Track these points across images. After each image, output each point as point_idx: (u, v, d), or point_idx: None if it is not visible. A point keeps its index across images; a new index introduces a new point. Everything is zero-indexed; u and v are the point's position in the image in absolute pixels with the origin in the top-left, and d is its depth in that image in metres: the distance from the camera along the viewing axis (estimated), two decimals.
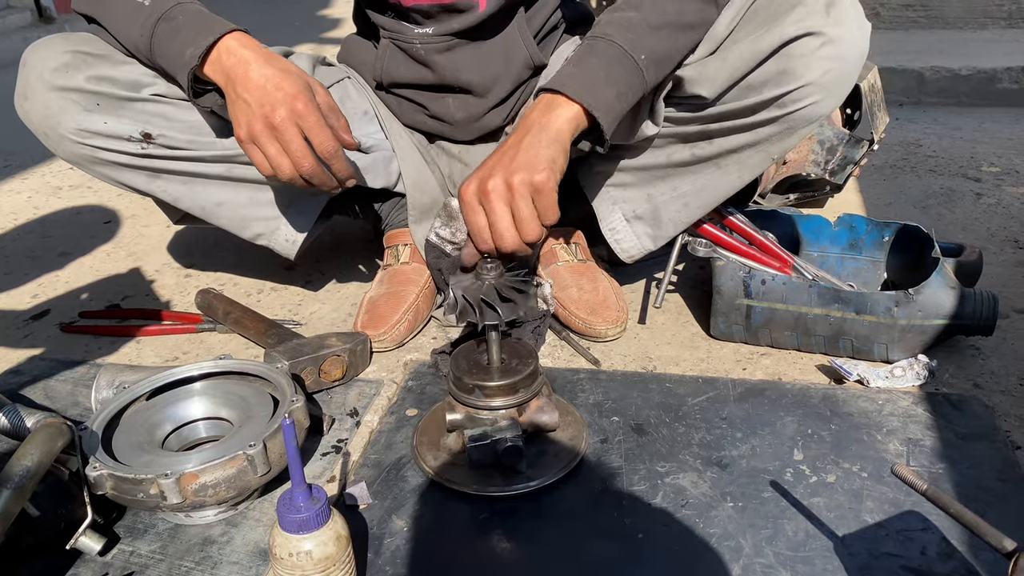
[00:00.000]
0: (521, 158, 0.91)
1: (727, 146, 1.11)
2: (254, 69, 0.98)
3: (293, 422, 0.69)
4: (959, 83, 2.53)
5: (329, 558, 0.71)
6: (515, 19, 1.23)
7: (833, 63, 0.99)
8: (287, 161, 0.99)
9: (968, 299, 1.10)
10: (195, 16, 1.02)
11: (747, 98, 1.04)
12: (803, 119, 1.05)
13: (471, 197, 0.92)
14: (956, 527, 0.84)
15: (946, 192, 1.81)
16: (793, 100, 1.02)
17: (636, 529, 0.87)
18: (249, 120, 0.98)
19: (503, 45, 1.24)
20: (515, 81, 1.26)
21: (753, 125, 1.07)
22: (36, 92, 1.08)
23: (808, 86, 1.00)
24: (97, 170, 1.15)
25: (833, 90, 1.02)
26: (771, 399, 1.08)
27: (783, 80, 1.01)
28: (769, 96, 1.02)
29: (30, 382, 1.19)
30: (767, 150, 1.10)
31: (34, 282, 1.57)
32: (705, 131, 1.11)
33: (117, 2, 1.06)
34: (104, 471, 0.84)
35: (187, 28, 1.01)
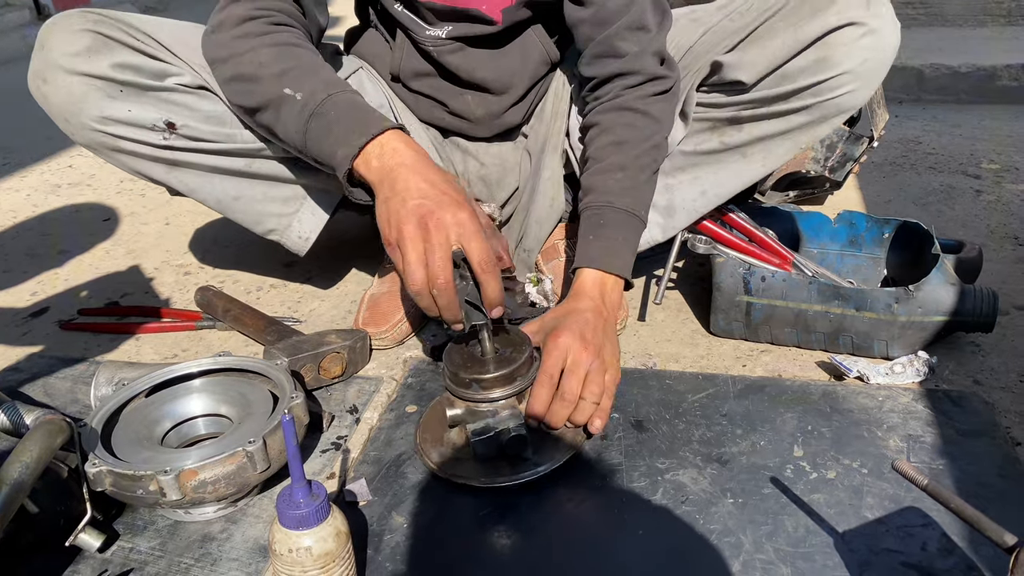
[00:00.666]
0: (609, 351, 1.00)
1: (757, 134, 1.14)
2: (417, 170, 0.92)
3: (293, 418, 0.69)
4: (959, 80, 2.53)
5: (329, 554, 0.71)
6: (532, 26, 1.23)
7: (871, 52, 1.04)
8: (422, 272, 0.87)
9: (968, 295, 1.10)
10: (348, 111, 0.97)
11: (782, 86, 1.08)
12: (836, 108, 1.09)
13: (560, 345, 0.97)
14: (956, 523, 0.84)
15: (946, 189, 1.81)
16: (829, 88, 1.06)
17: (636, 525, 0.87)
18: (400, 219, 0.89)
19: (519, 44, 1.23)
20: (533, 78, 1.26)
21: (786, 112, 1.10)
22: (57, 76, 1.04)
23: (845, 74, 1.05)
24: (116, 158, 1.11)
25: (868, 80, 1.06)
26: (771, 396, 1.08)
27: (821, 68, 1.05)
28: (805, 84, 1.06)
29: (29, 379, 1.19)
30: (796, 139, 1.13)
31: (33, 280, 1.57)
32: (736, 117, 1.14)
33: (289, 80, 1.01)
34: (103, 468, 0.84)
35: (340, 125, 0.96)
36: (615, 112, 1.13)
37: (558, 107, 1.28)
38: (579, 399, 0.95)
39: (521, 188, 1.33)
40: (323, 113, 0.98)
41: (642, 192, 1.12)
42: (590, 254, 1.08)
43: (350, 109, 0.98)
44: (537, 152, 1.30)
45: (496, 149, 1.33)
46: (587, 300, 1.05)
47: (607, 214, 1.09)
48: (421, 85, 1.28)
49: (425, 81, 1.27)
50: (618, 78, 1.13)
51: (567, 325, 0.99)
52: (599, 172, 1.11)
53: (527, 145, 1.32)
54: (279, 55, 1.03)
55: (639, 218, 1.11)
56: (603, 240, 1.08)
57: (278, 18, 1.07)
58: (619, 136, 1.12)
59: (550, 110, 1.29)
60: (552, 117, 1.28)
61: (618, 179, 1.10)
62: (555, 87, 1.29)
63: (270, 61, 1.02)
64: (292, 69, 1.02)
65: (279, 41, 1.04)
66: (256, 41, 1.03)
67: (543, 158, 1.29)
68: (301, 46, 1.06)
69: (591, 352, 0.97)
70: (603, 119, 1.14)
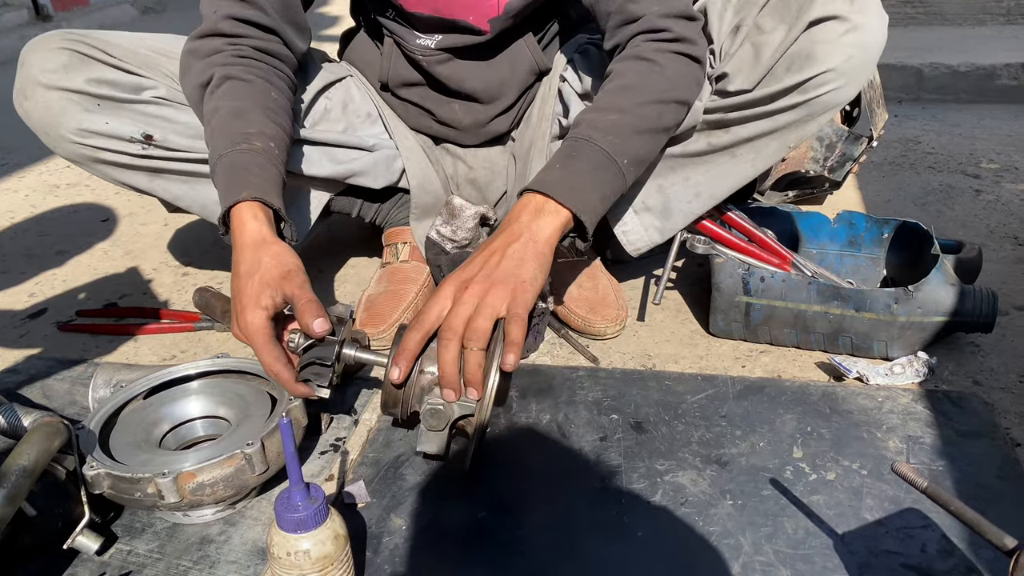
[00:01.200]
0: (505, 267, 0.89)
1: (744, 135, 1.12)
2: (239, 257, 0.96)
3: (291, 421, 0.69)
4: (958, 79, 2.53)
5: (327, 557, 0.71)
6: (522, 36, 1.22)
7: (855, 49, 1.01)
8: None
9: (968, 296, 1.10)
10: (226, 173, 0.99)
11: (768, 86, 1.05)
12: (823, 106, 1.06)
13: (447, 291, 0.89)
14: (956, 525, 0.84)
15: (945, 189, 1.81)
16: (815, 86, 1.03)
17: (635, 527, 0.87)
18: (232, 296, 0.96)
19: (508, 54, 1.23)
20: (521, 87, 1.26)
21: (772, 112, 1.08)
22: (36, 92, 1.08)
23: (830, 72, 1.02)
24: (98, 169, 1.15)
25: (854, 77, 1.04)
26: (770, 397, 1.08)
27: (805, 66, 1.02)
28: (791, 83, 1.04)
29: (27, 381, 1.19)
30: (784, 138, 1.11)
31: (31, 281, 1.56)
32: (723, 120, 1.11)
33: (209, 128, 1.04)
34: (101, 470, 0.84)
35: (220, 185, 0.99)
36: (631, 60, 1.03)
37: (544, 111, 1.28)
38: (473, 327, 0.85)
39: (509, 192, 1.33)
40: (214, 171, 1.00)
41: (631, 143, 1.00)
42: (546, 178, 0.96)
43: (228, 172, 0.98)
44: (523, 156, 1.30)
45: (484, 153, 1.33)
46: (498, 232, 0.94)
47: (583, 148, 0.98)
48: (409, 94, 1.28)
49: (413, 90, 1.28)
50: (640, 35, 1.04)
51: (456, 269, 0.91)
52: (593, 111, 1.02)
53: (513, 149, 1.32)
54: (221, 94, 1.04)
55: (617, 164, 0.98)
56: (568, 171, 0.97)
57: (246, 53, 1.08)
58: (627, 81, 1.02)
59: (536, 114, 1.28)
60: (538, 121, 1.28)
61: (611, 119, 0.99)
62: (542, 92, 1.28)
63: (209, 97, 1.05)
64: (219, 110, 1.03)
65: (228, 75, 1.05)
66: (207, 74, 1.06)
67: (529, 162, 1.29)
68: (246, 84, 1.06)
69: (474, 290, 0.87)
70: (616, 67, 1.04)
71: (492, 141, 1.32)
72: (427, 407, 0.86)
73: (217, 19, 1.07)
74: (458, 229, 1.30)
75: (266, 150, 1.00)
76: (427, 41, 1.20)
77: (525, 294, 0.88)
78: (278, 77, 1.11)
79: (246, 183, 0.96)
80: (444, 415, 0.85)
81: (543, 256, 0.92)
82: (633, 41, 1.04)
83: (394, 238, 1.38)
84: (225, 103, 1.03)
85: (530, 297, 0.88)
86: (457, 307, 0.86)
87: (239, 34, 1.08)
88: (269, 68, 1.10)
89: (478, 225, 1.32)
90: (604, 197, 0.98)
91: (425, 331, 0.87)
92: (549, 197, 0.94)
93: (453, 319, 0.86)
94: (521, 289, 0.88)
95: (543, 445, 1.01)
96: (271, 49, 1.11)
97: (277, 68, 1.11)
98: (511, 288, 0.87)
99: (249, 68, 1.07)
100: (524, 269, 0.90)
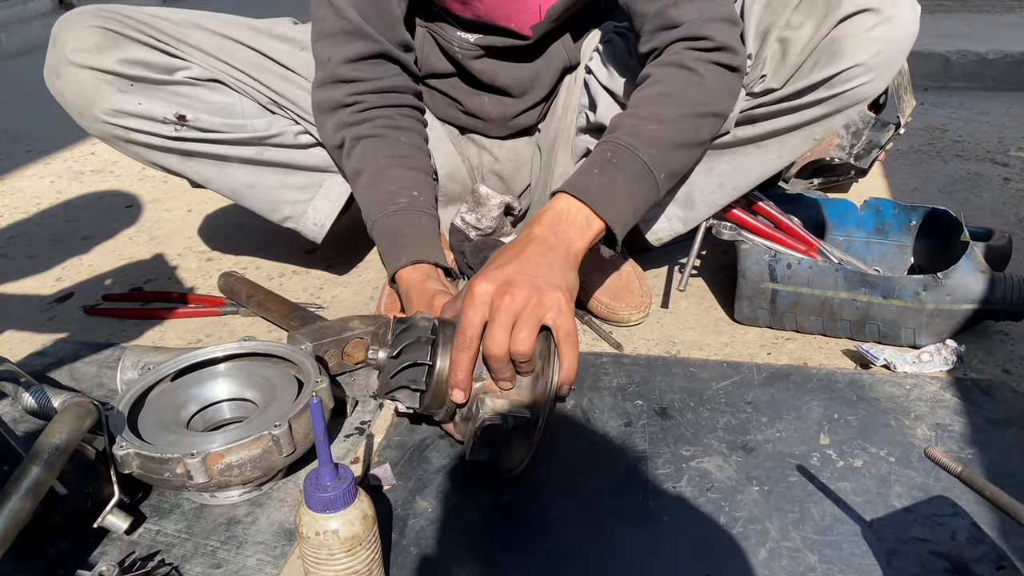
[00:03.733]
0: (548, 272, 0.86)
1: (771, 128, 1.11)
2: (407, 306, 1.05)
3: (320, 401, 0.69)
4: (986, 67, 2.49)
5: (355, 537, 0.71)
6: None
7: (884, 44, 0.99)
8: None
9: (998, 284, 1.09)
10: (384, 240, 1.10)
11: (797, 82, 1.04)
12: (851, 100, 1.04)
13: (483, 295, 0.85)
14: (986, 512, 0.83)
15: (973, 177, 1.79)
16: (842, 81, 1.02)
17: (661, 512, 0.87)
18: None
19: (544, 54, 1.23)
20: (551, 83, 1.26)
21: (800, 107, 1.07)
22: (68, 71, 1.09)
23: (858, 66, 1.00)
24: (130, 149, 1.15)
25: (883, 71, 1.02)
26: (796, 384, 1.07)
27: (833, 60, 1.00)
28: (819, 78, 1.02)
29: (55, 364, 1.20)
30: (811, 131, 1.10)
31: (58, 266, 1.58)
32: (751, 116, 1.10)
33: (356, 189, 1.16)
34: (131, 450, 0.84)
35: (382, 252, 1.12)
36: (672, 67, 1.01)
37: (569, 102, 1.27)
38: (517, 337, 0.83)
39: (533, 184, 1.33)
40: (373, 231, 1.12)
41: (670, 157, 0.99)
42: (584, 183, 0.94)
43: (389, 238, 1.10)
44: (548, 147, 1.29)
45: (510, 144, 1.33)
46: (530, 231, 0.92)
47: (624, 157, 0.96)
48: (439, 84, 1.28)
49: (443, 81, 1.28)
50: (680, 42, 1.01)
51: (486, 267, 0.88)
52: (635, 116, 0.99)
53: (539, 140, 1.32)
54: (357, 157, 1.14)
55: (654, 177, 0.97)
56: (607, 178, 0.95)
57: (369, 103, 1.14)
58: (668, 89, 1.00)
59: (562, 106, 1.28)
60: (564, 112, 1.28)
61: (653, 130, 0.98)
62: (567, 84, 1.28)
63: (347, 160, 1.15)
64: (360, 174, 1.14)
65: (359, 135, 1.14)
66: (339, 136, 1.15)
67: (554, 154, 1.28)
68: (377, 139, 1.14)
69: (517, 297, 0.83)
70: (655, 72, 1.02)
71: (520, 133, 1.32)
72: (486, 424, 0.83)
73: (333, 66, 1.11)
74: (483, 217, 1.29)
75: (412, 203, 1.09)
76: (468, 36, 1.19)
77: (570, 304, 0.86)
78: (403, 116, 1.15)
79: (403, 248, 1.07)
80: (500, 430, 0.84)
81: (575, 266, 0.91)
82: (672, 48, 1.02)
83: None
84: (364, 165, 1.12)
85: (571, 309, 0.86)
86: (498, 316, 0.83)
87: (357, 78, 1.11)
88: (393, 111, 1.14)
89: (502, 214, 1.32)
90: (637, 210, 0.98)
91: (475, 350, 0.85)
92: (585, 204, 0.93)
93: (497, 333, 0.82)
94: (566, 299, 0.85)
95: (568, 430, 1.00)
96: (389, 86, 1.14)
97: (400, 106, 1.16)
98: (556, 298, 0.84)
99: (375, 123, 1.13)
100: (565, 277, 0.88)
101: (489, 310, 0.84)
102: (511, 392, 0.87)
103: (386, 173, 1.11)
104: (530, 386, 0.87)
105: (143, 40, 1.10)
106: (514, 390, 0.87)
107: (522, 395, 0.87)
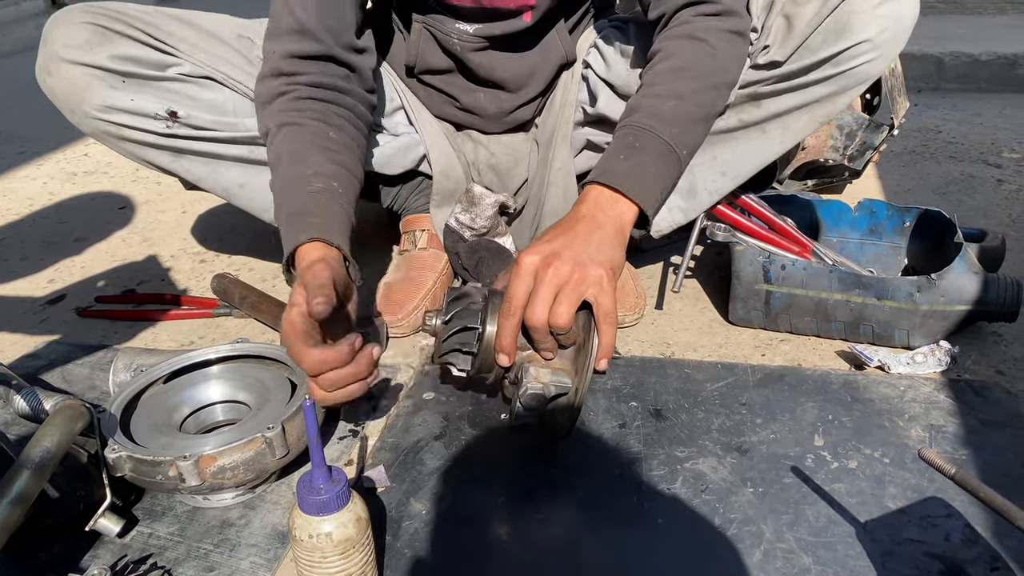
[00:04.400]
0: (594, 250, 0.88)
1: (775, 109, 1.11)
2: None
3: (314, 403, 0.68)
4: (979, 68, 2.50)
5: (349, 540, 0.71)
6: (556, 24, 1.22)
7: (890, 21, 1.00)
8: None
9: (991, 285, 1.09)
10: (288, 219, 0.97)
11: (804, 59, 1.04)
12: (856, 78, 1.05)
13: (527, 266, 0.86)
14: (980, 513, 0.84)
15: (966, 178, 1.79)
16: (849, 58, 1.02)
17: (656, 514, 0.87)
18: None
19: (541, 46, 1.22)
20: (549, 77, 1.25)
21: (805, 85, 1.07)
22: (59, 67, 1.08)
23: (864, 43, 1.01)
24: (122, 147, 1.15)
25: (888, 50, 1.03)
26: (791, 385, 1.07)
27: (840, 37, 1.01)
28: (826, 54, 1.03)
29: (47, 366, 1.20)
30: (814, 112, 1.10)
31: (50, 267, 1.57)
32: (756, 93, 1.10)
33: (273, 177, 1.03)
34: (123, 453, 0.84)
35: (283, 232, 0.97)
36: (683, 39, 1.01)
37: (567, 97, 1.27)
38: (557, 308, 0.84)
39: (531, 179, 1.33)
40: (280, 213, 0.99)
41: (690, 132, 1.00)
42: (613, 169, 0.95)
43: (289, 218, 0.97)
44: (545, 142, 1.29)
45: (507, 139, 1.32)
46: (576, 211, 0.93)
47: (646, 139, 0.96)
48: (435, 80, 1.27)
49: (440, 77, 1.27)
50: (687, 8, 1.02)
51: (536, 240, 0.90)
52: (652, 95, 0.99)
53: (535, 135, 1.32)
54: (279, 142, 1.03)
55: (677, 155, 0.98)
56: (633, 163, 0.95)
57: (302, 94, 1.05)
58: (681, 63, 1.00)
59: (559, 101, 1.28)
60: (561, 107, 1.27)
61: (671, 107, 0.98)
62: (564, 79, 1.27)
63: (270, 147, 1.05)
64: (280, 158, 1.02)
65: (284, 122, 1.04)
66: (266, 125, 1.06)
67: (552, 149, 1.28)
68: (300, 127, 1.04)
69: (561, 271, 0.85)
70: (667, 45, 1.02)
71: (516, 129, 1.32)
72: (528, 391, 0.86)
73: (276, 59, 1.06)
74: (477, 217, 1.29)
75: (327, 189, 0.98)
76: (467, 27, 1.19)
77: (611, 283, 0.87)
78: (337, 115, 1.07)
79: (307, 225, 0.94)
80: (542, 397, 0.87)
81: (622, 245, 0.92)
82: (680, 15, 1.02)
83: (412, 225, 1.37)
84: (284, 150, 1.02)
85: (613, 287, 0.87)
86: (540, 288, 0.85)
87: (296, 72, 1.06)
88: (328, 107, 1.06)
89: (497, 214, 1.31)
90: (665, 189, 0.98)
91: (519, 318, 0.86)
92: (619, 192, 0.93)
93: (538, 305, 0.84)
94: (608, 277, 0.86)
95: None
96: (329, 83, 1.07)
97: (337, 104, 1.07)
98: (598, 275, 0.86)
99: (304, 113, 1.04)
100: (610, 256, 0.89)
101: (533, 281, 0.86)
102: (554, 362, 0.89)
103: (306, 158, 1.01)
104: (571, 357, 0.90)
105: (134, 36, 1.09)
106: (557, 360, 0.90)
107: (564, 365, 0.89)
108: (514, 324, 0.87)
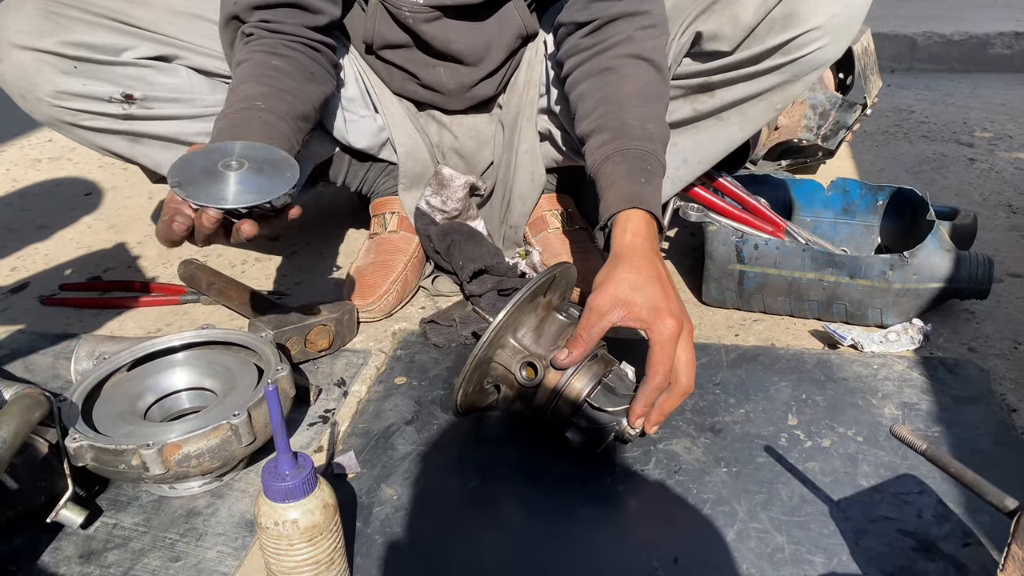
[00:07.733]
0: (674, 295, 0.89)
1: (729, 98, 1.10)
2: None
3: (277, 388, 0.67)
4: (951, 48, 2.51)
5: (316, 527, 0.70)
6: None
7: (839, 7, 0.99)
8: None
9: (963, 262, 1.09)
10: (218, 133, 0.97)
11: (752, 48, 1.03)
12: (808, 65, 1.04)
13: (670, 335, 0.85)
14: (952, 490, 0.84)
15: (939, 158, 1.80)
16: (799, 46, 1.01)
17: (629, 495, 0.86)
18: None
19: (497, 17, 1.20)
20: (507, 50, 1.23)
21: (757, 74, 1.06)
22: (9, 53, 1.05)
23: (815, 30, 1.00)
24: (77, 133, 1.12)
25: (840, 35, 1.02)
26: (765, 365, 1.06)
27: (788, 25, 1.00)
28: (774, 43, 1.01)
29: (9, 356, 1.17)
30: (770, 100, 1.09)
31: (13, 255, 1.54)
32: (707, 83, 1.09)
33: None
34: (84, 442, 0.82)
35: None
36: (634, 60, 1.02)
37: (531, 76, 1.25)
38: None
39: (497, 162, 1.31)
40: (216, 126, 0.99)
41: (661, 132, 1.02)
42: (641, 195, 0.95)
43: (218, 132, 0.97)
44: (511, 124, 1.27)
45: (471, 121, 1.30)
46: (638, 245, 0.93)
47: (653, 163, 0.98)
48: (394, 56, 1.25)
49: (398, 52, 1.24)
50: (625, 19, 1.04)
51: (654, 298, 0.88)
52: (638, 118, 1.00)
53: (500, 116, 1.30)
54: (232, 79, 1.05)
55: (662, 164, 1.01)
56: (652, 187, 0.97)
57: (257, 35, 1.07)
58: (640, 86, 1.02)
59: (523, 80, 1.26)
60: (525, 87, 1.25)
61: (651, 130, 0.99)
62: (528, 57, 1.25)
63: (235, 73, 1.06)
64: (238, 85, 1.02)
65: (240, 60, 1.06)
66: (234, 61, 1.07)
67: (518, 131, 1.26)
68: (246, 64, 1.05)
69: (680, 316, 0.86)
70: (619, 65, 1.03)
71: (478, 107, 1.29)
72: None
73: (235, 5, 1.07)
74: (448, 199, 1.27)
75: (248, 108, 0.98)
76: None
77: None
78: (285, 45, 1.07)
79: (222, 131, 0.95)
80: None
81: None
82: (617, 26, 1.04)
83: (381, 208, 1.35)
84: (231, 85, 1.03)
85: None
86: (685, 355, 0.86)
87: (252, 16, 1.06)
88: (278, 39, 1.06)
89: (467, 195, 1.30)
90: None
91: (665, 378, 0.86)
92: (650, 214, 0.94)
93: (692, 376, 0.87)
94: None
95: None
96: (282, 29, 1.07)
97: (290, 35, 1.08)
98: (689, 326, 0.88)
99: (251, 47, 1.05)
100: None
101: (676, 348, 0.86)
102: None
103: (237, 88, 1.02)
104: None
105: (86, 20, 1.06)
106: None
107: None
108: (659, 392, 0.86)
